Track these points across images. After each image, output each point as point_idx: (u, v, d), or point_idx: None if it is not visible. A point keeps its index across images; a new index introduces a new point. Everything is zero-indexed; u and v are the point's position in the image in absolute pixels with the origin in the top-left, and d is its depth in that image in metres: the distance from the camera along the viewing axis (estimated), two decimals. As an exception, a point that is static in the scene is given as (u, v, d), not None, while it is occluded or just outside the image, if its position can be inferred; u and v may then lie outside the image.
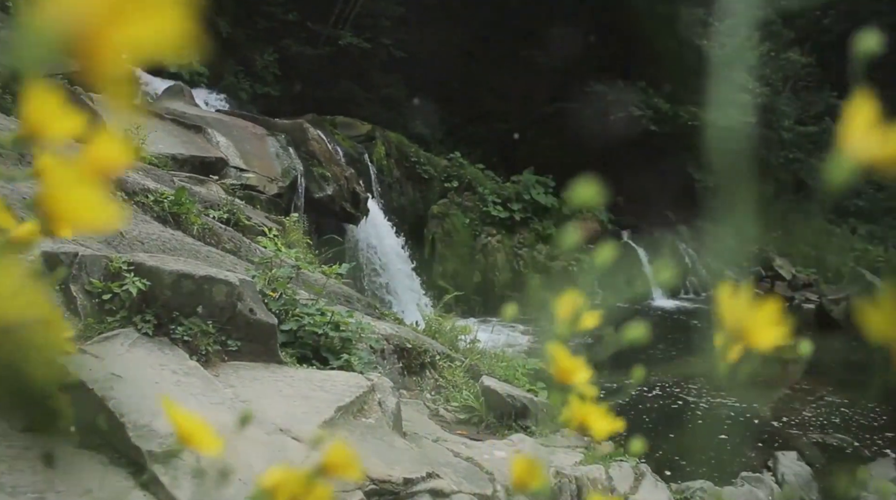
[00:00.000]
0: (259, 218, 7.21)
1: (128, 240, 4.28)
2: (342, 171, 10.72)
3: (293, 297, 4.08)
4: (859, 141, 0.44)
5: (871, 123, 0.44)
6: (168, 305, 2.98)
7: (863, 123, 0.44)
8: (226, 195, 7.27)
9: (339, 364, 3.82)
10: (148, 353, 2.78)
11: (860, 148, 0.44)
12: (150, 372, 2.65)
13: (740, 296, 0.55)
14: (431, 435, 3.67)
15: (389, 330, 5.20)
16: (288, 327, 3.82)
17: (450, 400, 4.81)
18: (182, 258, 3.53)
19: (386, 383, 3.31)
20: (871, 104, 0.44)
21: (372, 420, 2.98)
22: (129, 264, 3.01)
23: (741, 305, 0.55)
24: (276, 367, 3.20)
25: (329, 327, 3.96)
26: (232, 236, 5.90)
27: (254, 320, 3.19)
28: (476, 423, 4.54)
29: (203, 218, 5.65)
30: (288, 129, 10.76)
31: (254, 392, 2.86)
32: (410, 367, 5.02)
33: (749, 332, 0.55)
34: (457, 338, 6.01)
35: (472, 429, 4.47)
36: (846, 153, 0.45)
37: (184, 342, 2.95)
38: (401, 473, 2.58)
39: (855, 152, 0.45)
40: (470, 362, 5.46)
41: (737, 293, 0.55)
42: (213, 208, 6.40)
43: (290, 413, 2.74)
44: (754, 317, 0.55)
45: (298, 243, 7.26)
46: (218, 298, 3.07)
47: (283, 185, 9.86)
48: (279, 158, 10.25)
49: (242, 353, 3.15)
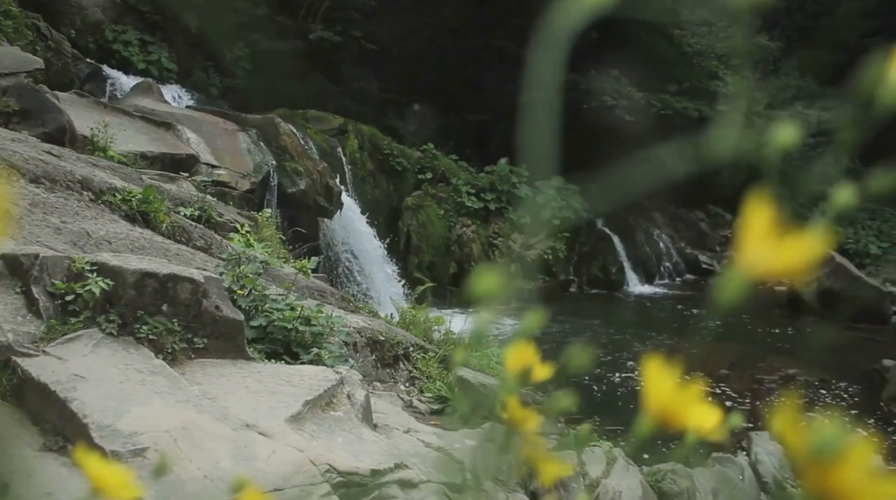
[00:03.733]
0: (231, 214, 7.17)
1: (94, 240, 4.25)
2: (315, 165, 10.68)
3: (263, 292, 4.08)
4: (755, 252, 0.41)
5: (768, 232, 0.40)
6: (132, 304, 2.97)
7: (759, 232, 0.41)
8: (197, 192, 7.22)
9: (309, 359, 3.83)
10: (112, 353, 2.77)
11: (756, 260, 0.41)
12: (115, 372, 2.64)
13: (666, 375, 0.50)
14: (403, 426, 3.69)
15: (362, 323, 5.21)
16: (257, 323, 3.82)
17: (423, 391, 4.84)
18: (147, 257, 3.52)
19: (355, 375, 3.32)
20: (767, 210, 0.41)
21: (340, 413, 2.99)
22: (91, 264, 3.00)
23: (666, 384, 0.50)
24: (244, 363, 3.21)
25: (299, 322, 3.96)
26: (203, 234, 5.87)
27: (220, 317, 3.19)
28: (450, 413, 4.57)
29: (173, 216, 5.62)
30: (259, 124, 10.70)
31: (221, 389, 2.87)
32: (384, 359, 5.03)
33: (674, 414, 0.51)
34: (431, 329, 6.03)
35: (446, 419, 4.50)
36: (741, 266, 0.41)
37: (149, 341, 2.95)
38: (368, 464, 2.60)
39: (751, 264, 0.41)
40: (444, 352, 5.48)
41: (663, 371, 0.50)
42: (184, 206, 6.36)
43: (257, 409, 2.75)
44: (680, 398, 0.50)
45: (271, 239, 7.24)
46: (183, 295, 3.07)
47: (255, 180, 9.82)
48: (251, 154, 10.19)
49: (209, 350, 3.15)
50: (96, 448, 2.21)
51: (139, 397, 2.53)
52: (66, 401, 2.33)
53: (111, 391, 2.48)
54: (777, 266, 0.41)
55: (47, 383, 2.39)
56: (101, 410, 2.34)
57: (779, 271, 0.41)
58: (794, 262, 0.40)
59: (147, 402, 2.50)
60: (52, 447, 2.29)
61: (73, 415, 2.31)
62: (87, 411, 2.31)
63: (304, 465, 2.45)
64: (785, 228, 0.41)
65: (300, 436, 2.63)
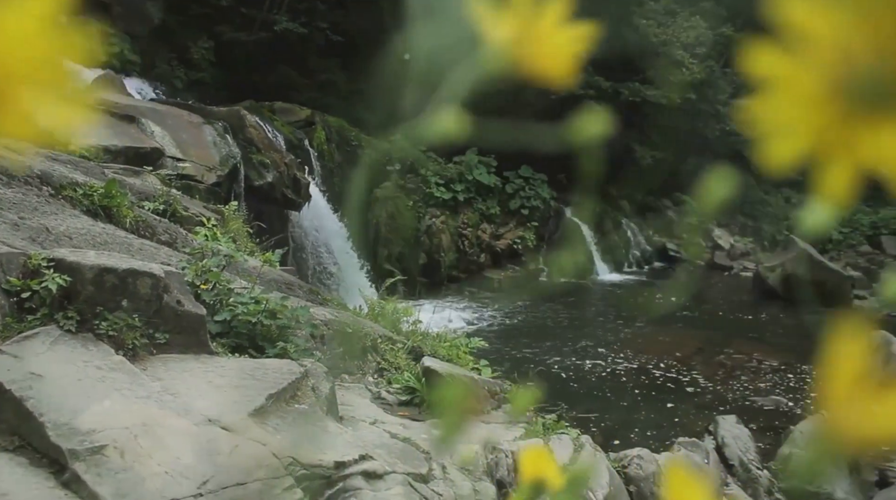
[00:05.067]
0: (197, 208, 7.09)
1: (54, 236, 4.18)
2: (282, 157, 10.60)
3: (227, 286, 4.05)
4: (846, 412, 0.31)
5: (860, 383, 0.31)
6: (91, 300, 2.93)
7: (849, 384, 0.31)
8: (162, 186, 7.13)
9: (275, 352, 3.81)
10: (71, 350, 2.73)
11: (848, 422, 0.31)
12: (73, 369, 2.61)
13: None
14: (370, 418, 3.70)
15: (330, 316, 5.19)
16: (222, 318, 3.79)
17: (392, 382, 4.84)
18: (106, 252, 3.47)
19: (320, 368, 3.32)
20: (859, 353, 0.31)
21: (305, 406, 2.99)
22: (48, 260, 2.95)
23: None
24: (207, 357, 3.18)
25: (264, 316, 3.93)
26: (167, 228, 5.80)
27: (182, 312, 3.16)
28: (417, 404, 4.58)
29: (137, 210, 5.54)
30: (225, 116, 10.58)
31: (183, 384, 2.85)
32: (351, 351, 5.03)
33: None
34: (399, 320, 6.03)
35: (414, 410, 4.51)
36: (829, 430, 0.32)
37: (109, 337, 2.91)
38: (332, 457, 2.61)
39: (841, 428, 0.31)
40: (412, 343, 5.49)
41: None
42: (149, 200, 6.27)
43: (220, 403, 2.73)
44: None
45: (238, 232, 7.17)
46: (143, 291, 3.03)
47: (221, 173, 9.71)
48: (217, 147, 10.07)
49: (171, 345, 3.12)
50: (53, 447, 2.19)
51: (98, 394, 2.50)
52: (22, 400, 2.30)
53: (69, 389, 2.45)
54: (878, 431, 0.30)
55: (2, 382, 2.36)
56: (58, 408, 2.31)
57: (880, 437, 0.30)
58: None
59: (106, 399, 2.47)
60: (7, 446, 2.26)
61: (30, 414, 2.28)
62: (44, 409, 2.28)
63: (267, 459, 2.45)
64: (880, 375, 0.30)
65: (263, 430, 2.62)
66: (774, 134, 0.29)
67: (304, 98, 13.33)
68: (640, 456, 4.64)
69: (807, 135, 0.29)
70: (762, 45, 0.28)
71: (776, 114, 0.29)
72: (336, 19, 14.46)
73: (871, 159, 0.28)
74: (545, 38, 0.37)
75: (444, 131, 0.44)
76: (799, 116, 0.29)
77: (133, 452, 2.25)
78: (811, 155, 0.29)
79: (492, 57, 0.38)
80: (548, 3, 0.37)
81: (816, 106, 0.28)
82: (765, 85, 0.29)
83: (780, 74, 0.28)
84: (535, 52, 0.37)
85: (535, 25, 0.37)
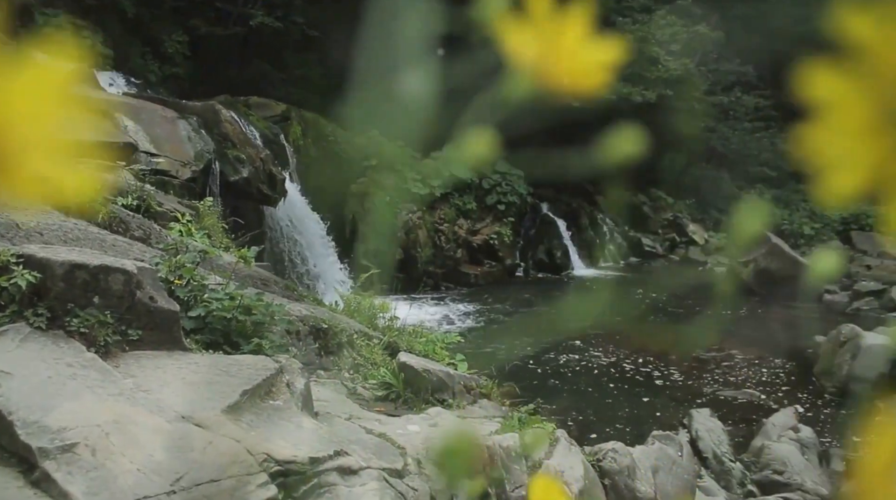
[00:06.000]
0: (171, 204, 7.03)
1: (24, 231, 4.12)
2: (258, 152, 10.52)
3: (202, 282, 4.02)
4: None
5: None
6: (62, 297, 2.90)
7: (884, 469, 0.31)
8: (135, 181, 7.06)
9: (250, 349, 3.79)
10: (41, 347, 2.70)
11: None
12: (43, 367, 2.58)
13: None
14: (346, 414, 3.69)
15: (305, 311, 5.17)
16: (196, 314, 3.76)
17: (368, 378, 4.84)
18: (77, 248, 3.43)
19: (295, 364, 3.31)
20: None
21: (280, 402, 2.98)
22: (17, 256, 2.91)
23: None
24: (181, 354, 3.16)
25: (239, 312, 3.91)
26: (141, 224, 5.75)
27: (155, 308, 3.14)
28: (394, 399, 4.58)
29: (110, 206, 5.48)
30: (200, 111, 10.48)
31: (156, 381, 2.82)
32: (327, 347, 5.01)
33: None
34: (376, 316, 6.03)
35: (390, 405, 4.51)
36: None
37: (80, 334, 2.88)
38: (307, 453, 2.60)
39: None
40: (388, 339, 5.49)
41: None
42: (122, 195, 6.21)
43: (194, 400, 2.72)
44: None
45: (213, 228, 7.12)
46: (115, 287, 3.00)
47: (196, 169, 9.62)
48: (191, 142, 9.98)
49: (144, 342, 3.09)
50: (22, 446, 2.16)
51: (69, 391, 2.47)
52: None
53: (39, 387, 2.42)
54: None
55: (-30, 380, 2.33)
56: (28, 406, 2.28)
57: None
58: None
59: (77, 396, 2.45)
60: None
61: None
62: (13, 407, 2.26)
63: (241, 455, 2.44)
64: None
65: (237, 426, 2.61)
66: (832, 166, 0.27)
67: (280, 93, 13.25)
68: (615, 450, 4.68)
69: (866, 167, 0.27)
70: (820, 66, 0.26)
71: (834, 142, 0.27)
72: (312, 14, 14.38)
73: None
74: (572, 53, 0.37)
75: (475, 155, 0.44)
76: (857, 146, 0.27)
77: (105, 449, 2.23)
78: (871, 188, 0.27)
79: (520, 77, 0.37)
80: (570, 18, 0.37)
81: (877, 135, 0.26)
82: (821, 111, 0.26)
83: (839, 100, 0.26)
84: (562, 68, 0.37)
85: (559, 41, 0.37)
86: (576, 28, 0.37)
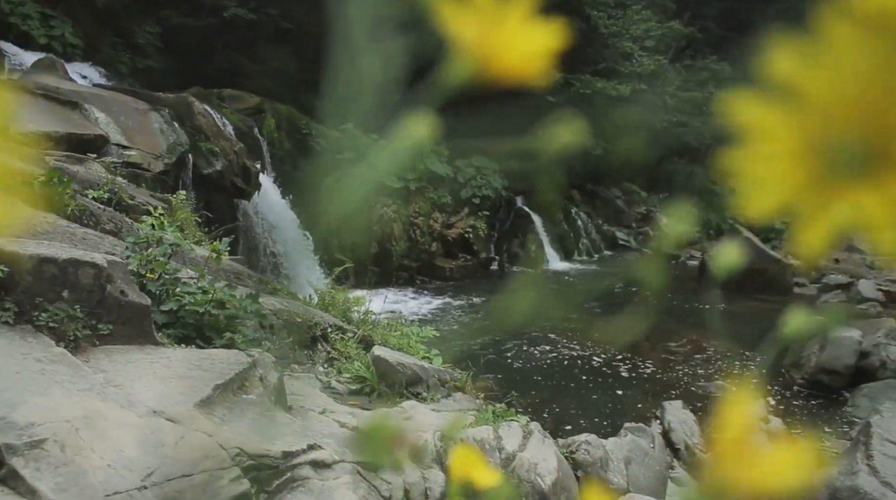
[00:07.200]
0: (143, 197, 6.95)
1: (-9, 225, 4.05)
2: (231, 145, 10.43)
3: (174, 276, 3.98)
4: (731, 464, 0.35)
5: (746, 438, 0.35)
6: (30, 291, 2.86)
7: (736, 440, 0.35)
8: (107, 174, 6.96)
9: (222, 343, 3.77)
10: (8, 342, 2.67)
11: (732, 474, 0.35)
12: (11, 362, 2.54)
13: None
14: (320, 407, 3.69)
15: (279, 305, 5.15)
16: (168, 308, 3.73)
17: (342, 372, 4.84)
18: (46, 242, 3.38)
19: (268, 358, 3.29)
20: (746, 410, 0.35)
21: (253, 396, 2.97)
22: (-16, 250, 2.86)
23: None
24: (153, 348, 3.13)
25: (212, 306, 3.89)
26: (112, 217, 5.68)
27: (126, 302, 3.10)
28: (368, 393, 4.59)
29: (80, 199, 5.41)
30: (172, 103, 10.35)
31: (127, 376, 2.80)
32: (301, 341, 5.00)
33: None
34: (350, 309, 6.02)
35: (364, 399, 4.51)
36: (713, 479, 0.36)
37: (49, 329, 2.84)
38: (280, 447, 2.60)
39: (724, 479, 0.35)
40: (363, 333, 5.48)
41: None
42: (93, 188, 6.13)
43: (165, 394, 2.70)
44: None
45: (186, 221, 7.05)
46: (85, 281, 2.97)
47: (168, 161, 9.50)
48: (164, 134, 9.86)
49: (115, 336, 3.06)
50: (-10, 441, 2.13)
51: (37, 386, 2.44)
52: (-43, 393, 2.24)
53: (6, 382, 2.39)
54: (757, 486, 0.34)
55: (-64, 376, 2.29)
56: (-5, 401, 2.25)
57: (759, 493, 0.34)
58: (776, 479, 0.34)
59: (46, 392, 2.42)
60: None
61: (-35, 408, 2.22)
62: (-20, 403, 2.22)
63: (213, 450, 2.42)
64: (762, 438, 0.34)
65: (210, 421, 2.60)
66: (753, 184, 0.29)
67: (254, 86, 13.12)
68: (588, 442, 4.73)
69: (784, 190, 0.29)
70: (746, 95, 0.28)
71: (755, 166, 0.29)
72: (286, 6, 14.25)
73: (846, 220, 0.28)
74: (513, 38, 0.37)
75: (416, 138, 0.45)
76: (778, 170, 0.29)
77: (74, 445, 2.21)
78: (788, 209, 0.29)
79: (461, 61, 0.38)
80: (512, 2, 0.37)
81: (795, 163, 0.28)
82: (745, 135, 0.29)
83: (762, 127, 0.28)
84: (503, 53, 0.37)
85: (501, 25, 0.37)
86: (517, 12, 0.37)
